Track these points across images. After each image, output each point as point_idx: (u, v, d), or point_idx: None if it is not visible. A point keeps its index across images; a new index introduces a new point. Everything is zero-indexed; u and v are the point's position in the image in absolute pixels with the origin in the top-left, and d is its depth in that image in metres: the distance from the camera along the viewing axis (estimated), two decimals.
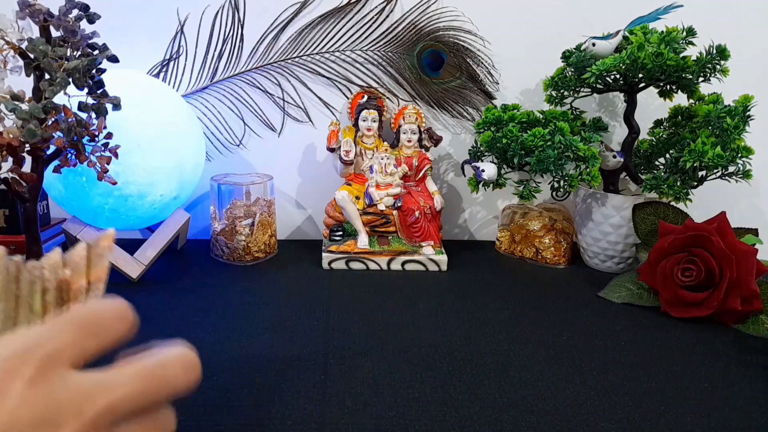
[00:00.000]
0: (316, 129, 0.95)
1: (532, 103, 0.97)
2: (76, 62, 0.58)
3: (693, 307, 0.69)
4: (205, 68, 0.91)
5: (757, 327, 0.67)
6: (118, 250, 0.76)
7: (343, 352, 0.59)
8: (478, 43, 0.93)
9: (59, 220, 0.87)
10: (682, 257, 0.70)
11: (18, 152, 0.58)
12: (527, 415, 0.49)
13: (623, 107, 0.85)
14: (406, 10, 0.90)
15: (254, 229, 0.84)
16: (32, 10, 0.57)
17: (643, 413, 0.50)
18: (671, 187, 0.77)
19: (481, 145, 0.84)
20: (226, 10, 0.88)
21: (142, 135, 0.72)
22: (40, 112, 0.55)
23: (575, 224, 0.91)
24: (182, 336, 0.61)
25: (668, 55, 0.72)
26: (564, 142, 0.76)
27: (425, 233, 0.85)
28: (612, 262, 0.86)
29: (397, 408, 0.49)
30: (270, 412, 0.48)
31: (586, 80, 0.78)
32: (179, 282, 0.76)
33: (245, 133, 0.95)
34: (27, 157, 0.60)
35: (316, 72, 0.92)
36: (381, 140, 0.90)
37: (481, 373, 0.55)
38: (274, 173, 0.91)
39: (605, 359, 0.59)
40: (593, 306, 0.73)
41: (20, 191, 0.61)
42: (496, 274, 0.85)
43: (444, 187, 1.01)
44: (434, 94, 0.95)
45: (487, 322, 0.67)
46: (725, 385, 0.55)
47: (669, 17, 0.81)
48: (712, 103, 0.77)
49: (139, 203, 0.75)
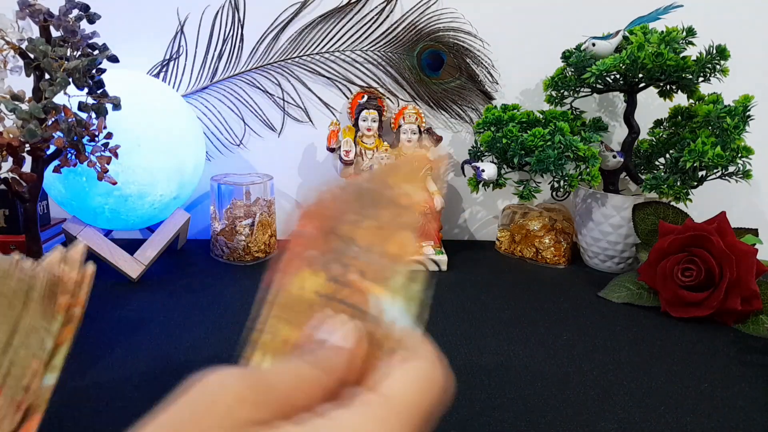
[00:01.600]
0: (316, 129, 0.95)
1: (532, 103, 0.97)
2: (76, 62, 0.58)
3: (693, 307, 0.69)
4: (205, 68, 0.91)
5: (757, 327, 0.67)
6: (118, 250, 0.76)
7: None
8: (477, 43, 0.93)
9: (59, 220, 0.87)
10: (682, 257, 0.70)
11: (18, 152, 0.58)
12: (527, 415, 0.49)
13: (623, 107, 0.85)
14: (406, 11, 0.90)
15: (254, 229, 0.84)
16: (32, 10, 0.57)
17: (643, 413, 0.50)
18: (671, 187, 0.77)
19: (481, 145, 0.84)
20: (226, 10, 0.88)
21: (142, 135, 0.72)
22: (40, 112, 0.55)
23: (575, 224, 0.91)
24: (182, 336, 0.61)
25: (668, 55, 0.72)
26: (564, 142, 0.76)
27: (425, 233, 0.85)
28: (612, 262, 0.86)
29: None
30: None
31: (586, 80, 0.78)
32: (179, 282, 0.76)
33: (245, 133, 0.95)
34: (27, 157, 0.60)
35: (316, 72, 0.92)
36: (381, 140, 0.90)
37: (481, 373, 0.55)
38: (274, 173, 0.91)
39: (605, 359, 0.59)
40: (593, 306, 0.73)
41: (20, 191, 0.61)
42: (496, 274, 0.85)
43: (444, 187, 1.01)
44: (434, 95, 0.95)
45: (487, 322, 0.67)
46: (725, 385, 0.55)
47: (669, 17, 0.81)
48: (712, 103, 0.77)
49: (139, 203, 0.75)
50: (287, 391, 0.17)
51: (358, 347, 0.18)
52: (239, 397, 0.16)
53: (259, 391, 0.16)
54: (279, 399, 0.17)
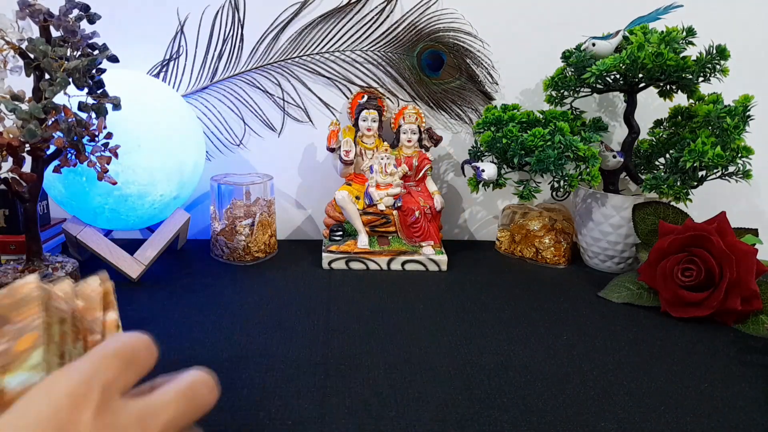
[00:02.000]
0: (316, 129, 0.95)
1: (532, 103, 0.97)
2: (76, 62, 0.58)
3: (693, 307, 0.69)
4: (205, 68, 0.91)
5: (757, 327, 0.67)
6: (118, 250, 0.76)
7: (343, 352, 0.59)
8: (477, 43, 0.93)
9: (59, 220, 0.87)
10: (682, 257, 0.70)
11: (18, 152, 0.58)
12: (527, 415, 0.49)
13: (623, 107, 0.85)
14: (406, 11, 0.90)
15: (254, 229, 0.84)
16: (32, 10, 0.57)
17: (643, 413, 0.50)
18: (671, 187, 0.77)
19: (481, 145, 0.84)
20: (226, 10, 0.88)
21: (142, 135, 0.72)
22: (40, 112, 0.55)
23: (575, 224, 0.91)
24: (182, 336, 0.61)
25: (668, 55, 0.72)
26: (564, 142, 0.76)
27: (425, 233, 0.85)
28: (612, 262, 0.86)
29: (397, 408, 0.49)
30: (270, 412, 0.48)
31: (586, 80, 0.78)
32: (179, 282, 0.76)
33: (245, 133, 0.95)
34: (27, 157, 0.60)
35: (316, 72, 0.92)
36: (381, 140, 0.90)
37: (481, 373, 0.55)
38: (274, 173, 0.91)
39: (605, 359, 0.59)
40: (593, 306, 0.73)
41: (20, 191, 0.61)
42: (496, 274, 0.85)
43: (444, 187, 1.01)
44: (434, 95, 0.95)
45: (487, 322, 0.67)
46: (725, 385, 0.55)
47: (669, 17, 0.81)
48: (712, 103, 0.77)
49: (139, 203, 0.75)
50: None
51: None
52: None
53: None
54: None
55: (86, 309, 0.29)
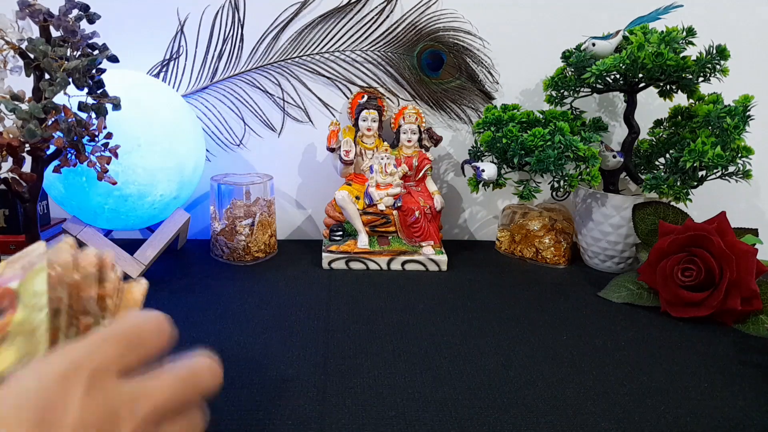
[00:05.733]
0: (316, 129, 0.95)
1: (532, 103, 0.97)
2: (76, 62, 0.58)
3: (693, 307, 0.69)
4: (205, 68, 0.91)
5: (757, 327, 0.67)
6: (118, 250, 0.76)
7: (343, 351, 0.59)
8: (477, 43, 0.93)
9: (59, 220, 0.87)
10: (682, 257, 0.70)
11: (18, 152, 0.58)
12: (527, 415, 0.49)
13: (623, 107, 0.85)
14: (405, 11, 0.90)
15: (254, 229, 0.84)
16: (32, 10, 0.57)
17: (643, 413, 0.50)
18: (671, 187, 0.77)
19: (481, 145, 0.84)
20: (226, 10, 0.88)
21: (142, 135, 0.72)
22: (40, 112, 0.55)
23: (575, 224, 0.91)
24: (182, 336, 0.61)
25: (668, 55, 0.72)
26: (564, 142, 0.76)
27: (425, 233, 0.85)
28: (612, 262, 0.86)
29: (397, 408, 0.49)
30: (270, 412, 0.48)
31: (586, 80, 0.78)
32: (179, 282, 0.76)
33: (245, 133, 0.95)
34: (27, 157, 0.60)
35: (316, 72, 0.92)
36: (381, 140, 0.90)
37: (481, 373, 0.55)
38: (274, 173, 0.91)
39: (605, 359, 0.59)
40: (593, 306, 0.73)
41: (20, 191, 0.61)
42: (496, 274, 0.85)
43: (444, 187, 1.01)
44: (434, 95, 0.95)
45: (487, 322, 0.67)
46: (725, 385, 0.55)
47: (669, 17, 0.81)
48: (712, 103, 0.77)
49: (139, 203, 0.75)
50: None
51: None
52: None
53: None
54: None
55: (82, 285, 0.29)
